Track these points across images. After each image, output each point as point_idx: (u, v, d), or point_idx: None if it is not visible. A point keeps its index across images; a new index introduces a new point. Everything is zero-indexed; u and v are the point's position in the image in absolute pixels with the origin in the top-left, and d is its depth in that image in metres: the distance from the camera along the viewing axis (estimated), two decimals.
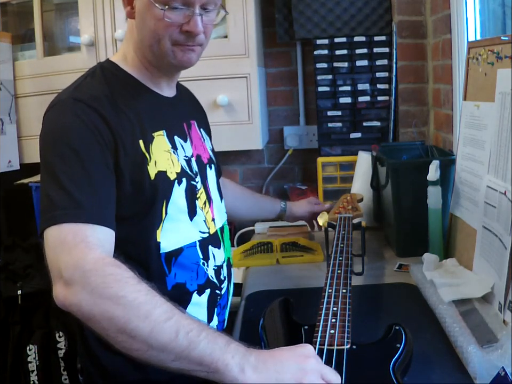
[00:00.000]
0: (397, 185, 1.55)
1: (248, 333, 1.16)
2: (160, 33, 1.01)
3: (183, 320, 0.79)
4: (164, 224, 1.04)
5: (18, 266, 1.99)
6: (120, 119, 1.00)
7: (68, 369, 1.94)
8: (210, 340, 0.77)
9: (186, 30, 1.01)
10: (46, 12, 2.08)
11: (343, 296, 1.02)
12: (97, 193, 0.92)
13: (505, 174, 1.13)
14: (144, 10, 1.01)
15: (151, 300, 0.80)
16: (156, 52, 1.04)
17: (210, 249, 1.14)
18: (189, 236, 1.09)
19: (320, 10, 2.11)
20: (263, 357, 0.79)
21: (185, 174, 1.09)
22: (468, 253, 1.29)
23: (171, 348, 0.76)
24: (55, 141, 0.96)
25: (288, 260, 1.62)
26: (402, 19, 2.03)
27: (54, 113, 1.00)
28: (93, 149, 0.95)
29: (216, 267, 1.15)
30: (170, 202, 1.05)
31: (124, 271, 0.84)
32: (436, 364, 0.98)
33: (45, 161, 0.96)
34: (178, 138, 1.12)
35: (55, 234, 0.87)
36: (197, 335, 0.77)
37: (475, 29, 1.65)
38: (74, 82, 1.06)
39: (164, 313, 0.79)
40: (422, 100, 2.06)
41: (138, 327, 0.77)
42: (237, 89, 1.98)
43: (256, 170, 2.40)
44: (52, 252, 0.86)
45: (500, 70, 1.18)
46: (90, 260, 0.83)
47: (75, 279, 0.82)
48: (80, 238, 0.86)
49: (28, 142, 2.09)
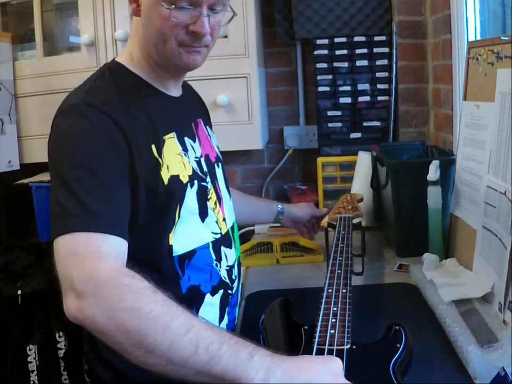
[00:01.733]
0: (397, 185, 1.55)
1: (248, 333, 1.16)
2: (166, 33, 0.98)
3: (203, 331, 0.75)
4: (176, 227, 1.03)
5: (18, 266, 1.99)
6: (133, 124, 0.98)
7: (68, 369, 1.94)
8: (232, 354, 0.72)
9: (193, 30, 0.98)
10: (46, 12, 2.08)
11: (343, 296, 1.02)
12: (111, 202, 0.89)
13: (505, 174, 1.13)
14: (150, 8, 0.98)
15: (168, 311, 0.76)
16: (161, 52, 1.02)
17: (222, 250, 1.13)
18: (201, 238, 1.08)
19: (320, 10, 2.11)
20: (290, 372, 0.73)
21: (196, 176, 1.08)
22: (467, 253, 1.29)
23: (191, 362, 0.72)
24: (68, 147, 0.93)
25: (288, 260, 1.62)
26: (402, 19, 2.03)
27: (66, 118, 0.97)
28: (107, 157, 0.92)
29: (228, 267, 1.15)
30: (183, 205, 1.04)
31: (138, 281, 0.80)
32: (436, 364, 0.98)
33: (57, 168, 0.93)
34: (188, 139, 1.11)
35: (67, 243, 0.84)
36: (218, 349, 0.72)
37: (475, 29, 1.65)
38: (83, 85, 1.04)
39: (183, 326, 0.75)
40: (422, 100, 2.06)
41: (156, 341, 0.73)
42: (237, 89, 1.98)
43: (256, 170, 2.40)
44: (64, 262, 0.82)
45: (499, 70, 1.18)
46: (104, 270, 0.80)
47: (88, 290, 0.78)
48: (93, 248, 0.82)
49: (28, 142, 2.08)
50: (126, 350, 0.76)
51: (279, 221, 1.59)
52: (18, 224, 2.15)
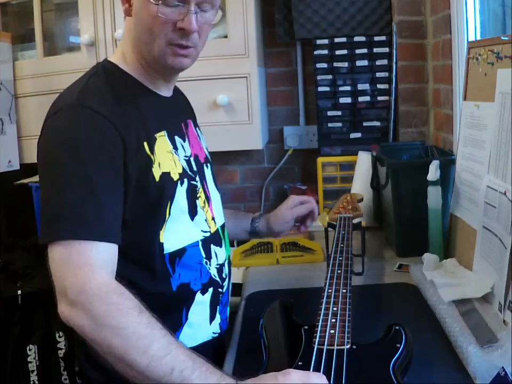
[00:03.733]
0: (397, 185, 1.55)
1: (248, 333, 1.16)
2: (155, 30, 0.99)
3: (179, 356, 0.81)
4: (167, 225, 1.04)
5: (18, 266, 2.00)
6: (126, 122, 0.98)
7: (67, 369, 1.95)
8: (202, 379, 0.79)
9: (181, 27, 0.99)
10: (46, 12, 2.08)
11: (343, 296, 1.02)
12: (103, 207, 0.91)
13: (505, 174, 1.13)
14: (140, 7, 1.00)
15: (151, 333, 0.82)
16: (150, 51, 1.03)
17: (212, 248, 1.14)
18: (191, 236, 1.09)
19: (320, 10, 2.11)
20: None
21: (186, 175, 1.09)
22: (467, 253, 1.29)
23: (165, 382, 0.79)
24: (61, 150, 0.93)
25: (288, 260, 1.62)
26: (402, 19, 2.03)
27: (58, 120, 0.96)
28: (101, 160, 0.93)
29: (218, 265, 1.15)
30: (173, 203, 1.05)
31: (126, 299, 0.85)
32: (436, 364, 0.98)
33: (49, 170, 0.94)
34: (179, 138, 1.12)
35: (60, 252, 0.88)
36: (191, 373, 0.79)
37: (475, 29, 1.65)
38: (76, 83, 1.04)
39: (162, 349, 0.81)
40: (422, 99, 2.06)
41: (136, 360, 0.80)
42: (237, 89, 1.98)
43: (256, 170, 2.40)
44: (58, 270, 0.88)
45: (499, 70, 1.18)
46: (94, 285, 0.85)
47: (79, 302, 0.84)
48: (84, 260, 0.87)
49: (28, 142, 2.08)
50: (109, 359, 0.83)
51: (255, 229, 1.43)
52: (18, 224, 2.14)
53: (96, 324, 0.82)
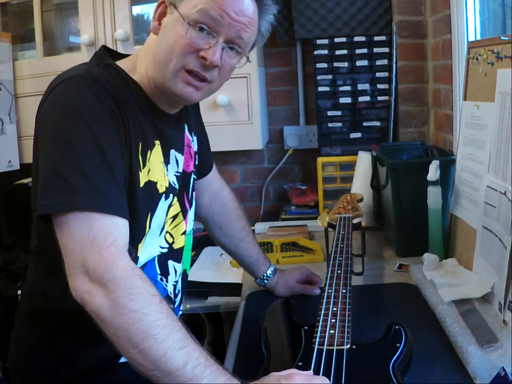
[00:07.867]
0: (397, 185, 1.55)
1: (248, 333, 1.16)
2: (176, 50, 0.94)
3: (194, 352, 0.79)
4: (146, 238, 1.01)
5: (18, 266, 1.99)
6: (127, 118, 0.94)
7: None
8: (212, 378, 0.78)
9: (203, 56, 0.94)
10: (46, 12, 2.08)
11: (343, 296, 1.02)
12: (117, 183, 0.88)
13: (505, 174, 1.13)
14: (170, 26, 0.96)
15: (170, 324, 0.80)
16: (163, 71, 0.97)
17: (171, 264, 1.10)
18: (151, 250, 1.05)
19: (320, 10, 2.11)
20: None
21: (172, 190, 1.06)
22: (467, 253, 1.29)
23: (176, 375, 0.77)
24: (73, 117, 0.88)
25: (288, 260, 1.62)
26: (402, 19, 2.03)
27: (69, 86, 0.91)
28: (112, 135, 0.90)
29: (175, 282, 1.12)
30: (154, 216, 1.01)
31: (149, 286, 0.82)
32: (436, 364, 0.98)
33: (57, 135, 0.88)
34: (175, 152, 1.08)
35: (80, 225, 0.82)
36: (203, 371, 0.78)
37: (475, 29, 1.65)
38: (79, 65, 1.00)
39: (179, 341, 0.79)
40: (422, 99, 2.06)
41: (152, 348, 0.77)
42: (237, 89, 1.98)
43: (256, 170, 2.40)
44: (78, 245, 0.82)
45: (499, 70, 1.18)
46: (122, 266, 0.81)
47: (103, 281, 0.80)
48: (110, 241, 0.83)
49: (28, 142, 2.08)
50: (121, 343, 0.79)
51: (261, 283, 1.38)
52: (18, 224, 2.14)
53: (118, 305, 0.79)
